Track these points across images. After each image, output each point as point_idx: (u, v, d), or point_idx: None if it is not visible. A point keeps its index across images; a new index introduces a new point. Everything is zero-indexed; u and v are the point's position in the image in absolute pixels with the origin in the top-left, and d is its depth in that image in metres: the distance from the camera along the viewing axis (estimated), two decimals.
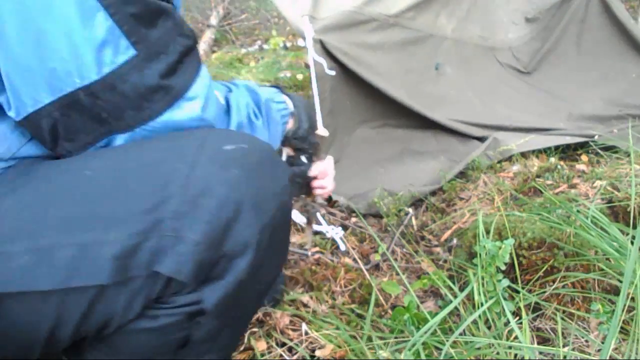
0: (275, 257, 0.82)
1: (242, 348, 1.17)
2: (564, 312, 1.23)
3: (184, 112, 0.77)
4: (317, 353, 1.14)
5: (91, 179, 0.70)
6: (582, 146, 2.24)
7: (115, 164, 0.72)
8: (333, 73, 1.92)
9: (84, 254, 0.65)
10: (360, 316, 1.32)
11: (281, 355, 1.15)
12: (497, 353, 1.05)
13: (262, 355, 1.14)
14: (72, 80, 0.68)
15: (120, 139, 0.75)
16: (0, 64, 0.68)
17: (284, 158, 1.23)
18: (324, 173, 1.26)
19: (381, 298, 1.38)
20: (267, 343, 1.17)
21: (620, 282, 1.15)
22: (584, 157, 2.16)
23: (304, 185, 1.26)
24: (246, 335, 1.21)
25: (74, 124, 0.72)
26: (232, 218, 0.70)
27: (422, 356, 1.05)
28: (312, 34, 1.88)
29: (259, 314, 1.28)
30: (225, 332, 0.81)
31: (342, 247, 1.68)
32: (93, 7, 0.67)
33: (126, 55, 0.70)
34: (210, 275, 0.71)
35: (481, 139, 2.33)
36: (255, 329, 1.23)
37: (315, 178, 1.26)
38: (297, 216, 1.79)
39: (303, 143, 1.21)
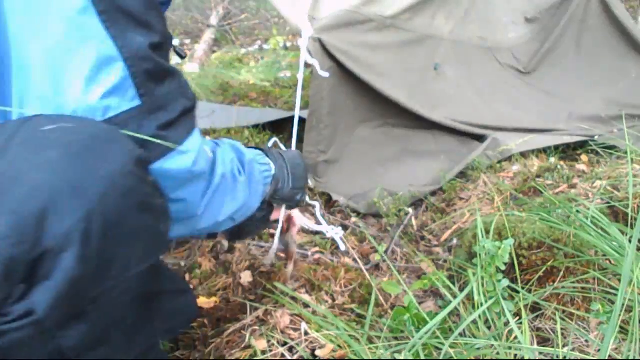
0: (133, 247, 0.72)
1: (242, 346, 1.18)
2: (563, 312, 1.23)
3: (175, 163, 0.82)
4: (317, 353, 1.14)
5: None
6: (582, 146, 2.24)
7: None
8: (327, 75, 1.91)
9: None
10: (360, 316, 1.32)
11: (282, 355, 1.15)
12: (497, 353, 1.05)
13: (264, 353, 1.14)
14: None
15: None
16: (16, 87, 0.71)
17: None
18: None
19: (381, 298, 1.38)
20: (269, 342, 1.17)
21: (620, 282, 1.16)
22: (584, 157, 2.16)
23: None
24: (247, 333, 1.21)
25: None
26: (47, 207, 0.62)
27: (422, 357, 1.05)
28: (311, 33, 1.88)
29: (259, 314, 1.28)
30: (115, 337, 0.75)
31: (342, 247, 1.68)
32: (114, 57, 0.74)
33: (131, 104, 0.76)
34: (36, 276, 0.64)
35: (481, 139, 2.33)
36: (255, 327, 1.23)
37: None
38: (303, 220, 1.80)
39: (289, 202, 1.25)
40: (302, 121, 2.59)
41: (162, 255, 0.81)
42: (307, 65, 1.88)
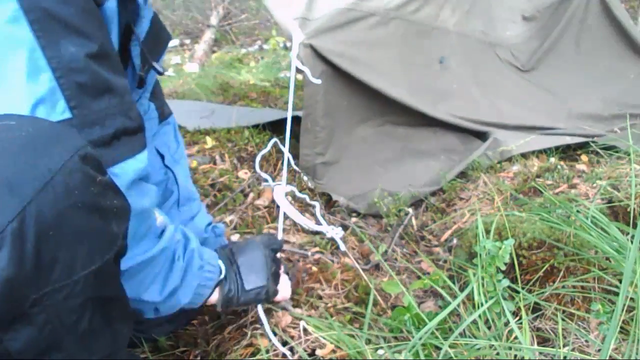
0: (78, 248, 0.69)
1: (244, 343, 1.18)
2: (564, 312, 1.23)
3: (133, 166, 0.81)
4: (318, 352, 1.14)
5: None
6: (582, 146, 2.24)
7: None
8: (319, 82, 1.88)
9: None
10: (361, 316, 1.32)
11: (283, 354, 1.15)
12: (497, 353, 1.05)
13: (267, 352, 1.14)
14: None
15: None
16: None
17: None
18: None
19: (380, 298, 1.38)
20: (270, 340, 1.18)
21: (620, 282, 1.16)
22: (584, 157, 2.16)
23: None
24: (248, 331, 1.21)
25: None
26: None
27: (422, 356, 1.05)
28: (301, 39, 1.86)
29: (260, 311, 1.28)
30: (68, 342, 0.73)
31: (342, 247, 1.68)
32: (41, 67, 0.72)
33: (61, 117, 0.74)
34: None
35: (482, 137, 2.33)
36: (257, 325, 1.23)
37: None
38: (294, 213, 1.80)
39: (254, 303, 1.17)
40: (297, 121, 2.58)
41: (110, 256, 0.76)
42: (299, 71, 1.87)
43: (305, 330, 1.20)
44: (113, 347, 0.85)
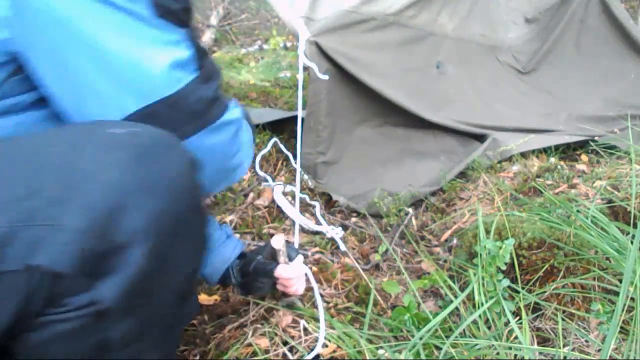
0: (187, 248, 0.76)
1: (244, 343, 1.17)
2: (564, 312, 1.23)
3: (234, 113, 0.91)
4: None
5: None
6: (582, 146, 2.24)
7: (2, 150, 0.69)
8: (326, 77, 1.90)
9: None
10: (361, 315, 1.32)
11: (283, 354, 1.15)
12: (497, 353, 1.05)
13: (267, 352, 1.14)
14: (156, 92, 0.78)
15: None
16: (96, 74, 0.76)
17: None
18: (286, 278, 1.22)
19: (380, 298, 1.38)
20: (271, 340, 1.17)
21: (620, 282, 1.16)
22: (584, 157, 2.16)
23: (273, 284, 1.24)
24: (249, 331, 1.21)
25: None
26: (119, 203, 0.65)
27: (422, 356, 1.05)
28: (307, 36, 1.87)
29: (261, 311, 1.28)
30: (154, 332, 0.76)
31: (342, 247, 1.68)
32: (180, 40, 0.82)
33: (192, 76, 0.82)
34: (104, 269, 0.66)
35: (481, 139, 2.33)
36: (258, 325, 1.23)
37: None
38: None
39: None
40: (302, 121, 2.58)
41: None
42: (305, 68, 1.88)
43: (305, 329, 1.20)
44: (176, 343, 0.94)
